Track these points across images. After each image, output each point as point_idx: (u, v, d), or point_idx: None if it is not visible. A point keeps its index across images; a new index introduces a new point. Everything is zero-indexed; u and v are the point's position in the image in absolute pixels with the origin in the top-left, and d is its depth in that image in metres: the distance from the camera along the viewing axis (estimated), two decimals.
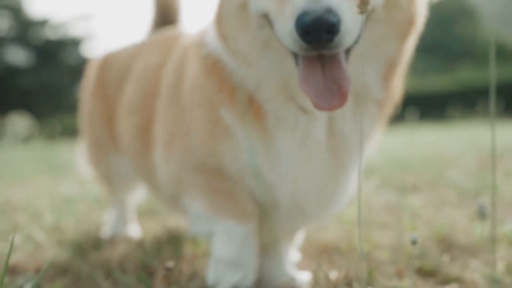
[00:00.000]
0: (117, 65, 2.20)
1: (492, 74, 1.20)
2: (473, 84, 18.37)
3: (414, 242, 1.09)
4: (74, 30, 27.48)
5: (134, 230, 2.47)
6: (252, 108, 1.39)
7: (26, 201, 3.44)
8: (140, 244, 2.25)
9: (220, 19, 1.38)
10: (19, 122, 12.55)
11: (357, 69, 1.32)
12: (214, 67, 1.43)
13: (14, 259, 2.03)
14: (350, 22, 1.10)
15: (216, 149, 1.47)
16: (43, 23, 26.41)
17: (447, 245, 2.03)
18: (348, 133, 1.40)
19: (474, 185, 3.38)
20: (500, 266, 1.69)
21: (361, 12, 1.04)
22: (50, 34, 26.73)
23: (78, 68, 26.59)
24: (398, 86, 1.49)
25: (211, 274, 1.55)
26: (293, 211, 1.51)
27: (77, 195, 3.75)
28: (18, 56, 25.72)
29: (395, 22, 1.31)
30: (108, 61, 2.29)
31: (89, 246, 2.24)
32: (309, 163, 1.42)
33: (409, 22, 1.34)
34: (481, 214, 1.02)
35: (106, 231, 2.44)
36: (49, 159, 7.58)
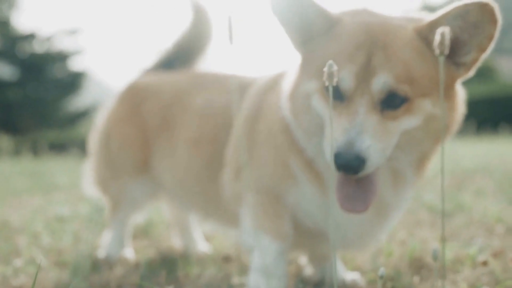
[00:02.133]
0: (158, 98, 2.42)
1: None
2: None
3: (381, 277, 1.31)
4: (61, 44, 27.50)
5: (129, 252, 2.63)
6: (312, 169, 1.72)
7: (22, 222, 3.57)
8: (136, 266, 2.41)
9: (291, 98, 1.68)
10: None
11: (396, 156, 1.60)
12: (286, 129, 1.74)
13: (18, 282, 2.17)
14: (375, 159, 1.43)
15: (281, 186, 1.80)
16: (30, 36, 26.36)
17: (418, 266, 2.23)
18: (388, 198, 1.72)
19: (447, 205, 3.60)
20: (463, 286, 1.89)
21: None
22: (36, 47, 26.69)
23: (64, 82, 26.61)
24: (429, 166, 1.78)
25: (250, 282, 1.84)
26: (338, 245, 1.86)
27: (70, 214, 3.89)
28: (4, 69, 25.62)
29: (432, 129, 1.57)
30: (144, 91, 2.50)
31: (87, 267, 2.38)
32: (355, 216, 1.71)
33: (445, 130, 1.60)
34: (434, 258, 1.24)
35: (103, 252, 2.58)
36: (39, 175, 7.68)
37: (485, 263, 2.09)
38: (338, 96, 1.51)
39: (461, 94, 1.67)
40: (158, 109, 2.40)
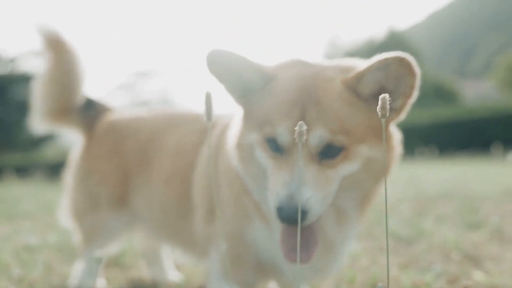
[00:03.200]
0: (136, 138, 2.53)
1: None
2: (411, 123, 19.09)
3: None
4: (25, 66, 27.23)
5: (101, 282, 2.68)
6: (259, 211, 1.83)
7: None
8: None
9: (237, 148, 1.77)
10: None
11: (339, 196, 1.69)
12: (238, 175, 1.85)
13: None
14: (316, 209, 1.52)
15: (241, 225, 1.90)
16: None
17: None
18: (334, 236, 1.81)
19: (408, 232, 3.75)
20: None
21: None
22: (0, 69, 26.35)
23: (28, 104, 26.30)
24: (372, 204, 1.88)
25: None
26: (295, 275, 1.92)
27: (39, 243, 3.89)
28: None
29: (372, 170, 1.65)
30: (123, 130, 2.60)
31: None
32: None
33: (385, 170, 1.69)
34: None
35: (75, 283, 2.62)
36: (3, 201, 7.57)
37: None
38: (277, 149, 1.61)
39: (396, 135, 1.78)
40: (136, 148, 2.50)
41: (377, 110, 1.20)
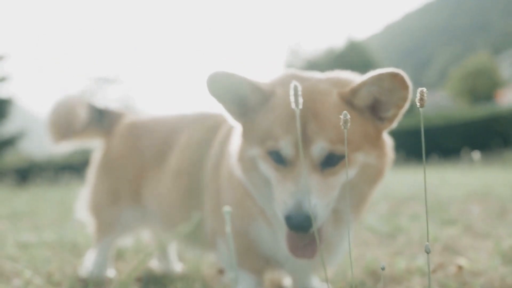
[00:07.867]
0: (151, 136, 2.73)
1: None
2: None
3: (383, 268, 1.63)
4: None
5: (112, 272, 2.85)
6: (262, 213, 2.00)
7: None
8: (124, 283, 2.64)
9: (240, 161, 1.92)
10: None
11: (338, 200, 1.84)
12: (241, 183, 2.01)
13: None
14: (322, 215, 1.67)
15: (244, 225, 2.07)
16: None
17: (377, 276, 2.61)
18: (331, 236, 1.96)
19: (388, 228, 4.05)
20: None
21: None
22: None
23: None
24: (366, 208, 2.06)
25: None
26: (294, 270, 2.14)
27: (36, 240, 4.00)
28: None
29: (367, 175, 1.83)
30: (140, 130, 2.80)
31: (79, 286, 2.58)
32: None
33: (378, 174, 1.87)
34: (426, 251, 1.41)
35: (87, 272, 2.77)
36: None
37: (434, 271, 2.50)
38: (281, 161, 1.72)
39: (388, 141, 1.95)
40: (151, 146, 2.71)
41: (416, 101, 1.32)
